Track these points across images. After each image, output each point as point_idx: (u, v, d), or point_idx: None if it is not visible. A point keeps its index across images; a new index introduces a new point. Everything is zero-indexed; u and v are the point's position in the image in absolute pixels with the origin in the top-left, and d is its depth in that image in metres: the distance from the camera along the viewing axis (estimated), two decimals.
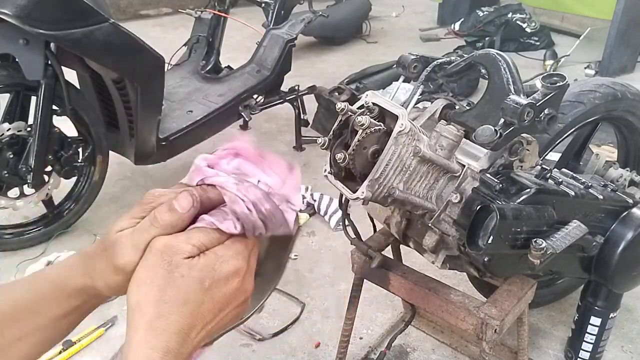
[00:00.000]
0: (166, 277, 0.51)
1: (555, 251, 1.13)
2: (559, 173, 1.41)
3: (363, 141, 1.08)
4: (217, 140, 3.21)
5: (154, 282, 0.51)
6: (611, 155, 2.31)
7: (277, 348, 1.86)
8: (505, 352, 1.74)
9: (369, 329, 1.93)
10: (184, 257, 0.52)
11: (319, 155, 3.13)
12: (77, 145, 2.28)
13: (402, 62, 1.37)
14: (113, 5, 5.69)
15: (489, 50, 1.33)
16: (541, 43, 5.02)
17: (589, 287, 1.64)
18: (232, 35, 3.69)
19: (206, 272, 0.52)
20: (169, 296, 0.51)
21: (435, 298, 1.35)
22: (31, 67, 2.01)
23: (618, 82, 1.69)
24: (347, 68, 4.43)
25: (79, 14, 1.98)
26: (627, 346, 1.85)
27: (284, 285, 2.14)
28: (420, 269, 1.46)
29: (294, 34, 3.00)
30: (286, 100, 3.11)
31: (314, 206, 2.58)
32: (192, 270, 0.52)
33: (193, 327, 0.52)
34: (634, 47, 4.39)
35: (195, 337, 0.52)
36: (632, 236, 1.43)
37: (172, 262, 0.52)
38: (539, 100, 1.18)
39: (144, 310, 0.51)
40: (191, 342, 0.52)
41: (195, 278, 0.52)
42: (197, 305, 0.52)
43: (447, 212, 1.20)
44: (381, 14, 6.20)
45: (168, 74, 2.68)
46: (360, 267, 1.50)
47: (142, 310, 0.51)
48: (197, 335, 0.52)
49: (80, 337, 1.85)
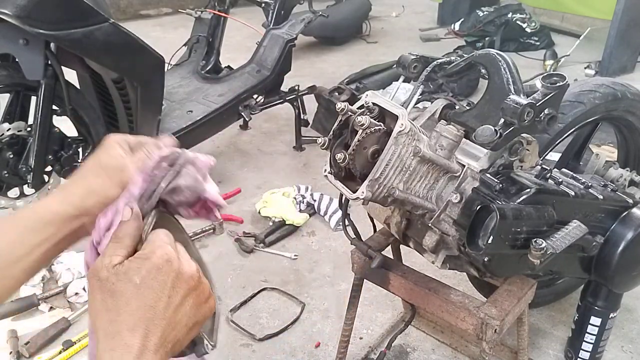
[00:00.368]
0: (103, 292, 0.55)
1: (555, 251, 1.13)
2: (559, 173, 1.41)
3: (363, 141, 1.08)
4: (217, 140, 3.22)
5: (96, 302, 0.56)
6: (611, 155, 2.31)
7: (277, 348, 1.86)
8: (505, 352, 1.74)
9: (369, 329, 1.93)
10: (108, 270, 0.56)
11: (319, 155, 3.14)
12: (77, 145, 2.28)
13: (402, 62, 1.37)
14: (113, 5, 5.69)
15: (489, 50, 1.34)
16: (541, 43, 5.03)
17: (589, 287, 1.64)
18: (232, 35, 3.69)
19: (132, 271, 0.56)
20: (111, 305, 0.54)
21: (435, 298, 1.35)
22: (31, 67, 2.01)
23: (618, 82, 1.69)
24: (347, 68, 4.43)
25: (79, 14, 1.98)
26: (627, 346, 1.85)
27: (284, 285, 2.14)
28: (420, 269, 1.46)
29: (294, 34, 3.00)
30: (286, 100, 3.11)
31: (314, 206, 2.58)
32: (118, 275, 0.55)
33: (151, 320, 0.54)
34: (634, 47, 4.39)
35: (158, 328, 0.54)
36: (632, 236, 1.43)
37: (100, 278, 0.56)
38: (539, 100, 1.18)
39: (104, 328, 0.54)
40: (155, 334, 0.54)
41: (123, 280, 0.55)
42: (141, 301, 0.54)
43: (447, 212, 1.20)
44: (381, 14, 6.20)
45: (168, 73, 2.69)
46: (360, 267, 1.50)
47: (102, 330, 0.54)
48: (159, 327, 0.54)
49: (80, 337, 1.85)
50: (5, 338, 1.85)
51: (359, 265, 1.49)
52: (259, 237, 2.39)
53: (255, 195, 2.73)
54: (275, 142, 3.35)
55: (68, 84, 2.15)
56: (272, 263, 2.28)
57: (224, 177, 2.95)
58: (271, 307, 2.04)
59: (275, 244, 2.39)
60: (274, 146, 3.30)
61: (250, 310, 2.03)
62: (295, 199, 2.59)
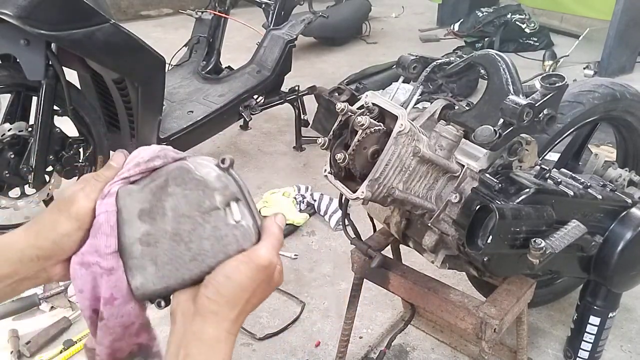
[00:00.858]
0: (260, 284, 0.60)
1: (554, 251, 1.14)
2: (558, 173, 1.41)
3: (363, 141, 1.08)
4: (217, 140, 3.23)
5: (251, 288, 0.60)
6: (610, 155, 2.32)
7: (277, 347, 1.87)
8: (505, 351, 1.75)
9: (369, 328, 1.94)
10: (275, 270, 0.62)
11: (319, 155, 3.14)
12: (78, 146, 2.28)
13: (402, 63, 1.37)
14: (114, 6, 5.70)
15: (488, 50, 1.34)
16: (540, 43, 5.03)
17: (588, 286, 1.65)
18: (232, 35, 3.70)
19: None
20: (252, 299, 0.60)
21: (435, 297, 1.35)
22: (32, 67, 2.01)
23: (617, 83, 1.69)
24: (347, 68, 4.44)
25: (80, 14, 1.98)
26: (626, 345, 1.86)
27: (284, 285, 2.14)
28: (419, 268, 1.47)
29: (294, 35, 3.01)
30: (286, 100, 3.12)
31: (314, 206, 2.59)
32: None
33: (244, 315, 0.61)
34: (633, 47, 4.39)
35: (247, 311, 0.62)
36: (631, 236, 1.43)
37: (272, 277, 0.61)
38: (538, 101, 1.18)
39: (237, 308, 0.59)
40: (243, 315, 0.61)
41: (266, 283, 0.61)
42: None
43: (447, 212, 1.21)
44: (381, 14, 6.21)
45: (169, 74, 2.69)
46: (360, 266, 1.50)
47: (235, 307, 0.59)
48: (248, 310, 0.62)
49: (81, 337, 1.86)
50: (6, 337, 1.85)
51: (359, 264, 1.50)
52: None
53: (256, 195, 2.74)
54: (276, 142, 3.36)
55: (69, 85, 2.15)
56: None
57: None
58: (271, 306, 2.05)
59: None
60: (274, 146, 3.31)
61: None
62: (295, 199, 2.60)
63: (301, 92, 3.17)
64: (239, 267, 0.58)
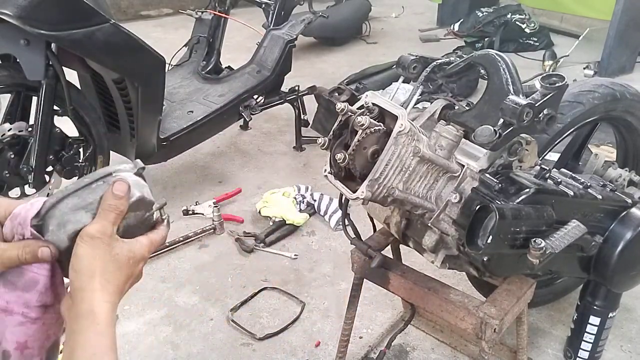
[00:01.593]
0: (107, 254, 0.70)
1: (554, 251, 1.14)
2: (558, 173, 1.42)
3: (363, 141, 1.08)
4: (217, 140, 3.23)
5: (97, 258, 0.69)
6: (610, 155, 2.31)
7: (277, 347, 1.87)
8: (505, 351, 1.75)
9: (369, 328, 1.94)
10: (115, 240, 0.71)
11: (319, 155, 3.14)
12: (78, 146, 2.28)
13: (402, 63, 1.37)
14: (114, 6, 5.70)
15: (488, 50, 1.34)
16: (540, 43, 5.03)
17: (588, 286, 1.65)
18: (232, 35, 3.69)
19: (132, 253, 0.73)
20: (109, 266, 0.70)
21: (435, 297, 1.35)
22: (32, 67, 2.01)
23: (617, 83, 1.69)
24: (347, 68, 4.44)
25: (80, 14, 1.98)
26: (626, 345, 1.86)
27: (284, 285, 2.15)
28: (419, 268, 1.47)
29: (294, 35, 3.01)
30: (286, 100, 3.12)
31: (314, 206, 2.59)
32: (122, 250, 0.71)
33: (123, 287, 0.72)
34: (633, 47, 4.39)
35: (122, 293, 0.73)
36: (631, 236, 1.43)
37: (110, 244, 0.70)
38: (538, 101, 1.18)
39: (95, 277, 0.68)
40: (119, 296, 0.72)
41: (125, 256, 0.71)
42: (125, 274, 0.72)
43: (447, 212, 1.21)
44: (381, 14, 6.21)
45: (169, 74, 2.69)
46: (360, 266, 1.50)
47: (93, 277, 0.68)
48: (123, 292, 0.73)
49: None
50: None
51: (359, 264, 1.50)
52: (259, 236, 2.40)
53: (256, 195, 2.74)
54: (276, 142, 3.36)
55: (69, 85, 2.15)
56: (272, 263, 2.29)
57: (224, 177, 2.95)
58: (271, 306, 2.05)
59: (276, 244, 2.40)
60: (274, 146, 3.31)
61: (250, 310, 2.03)
62: (296, 198, 2.60)
63: (301, 92, 3.17)
64: (77, 243, 0.68)
